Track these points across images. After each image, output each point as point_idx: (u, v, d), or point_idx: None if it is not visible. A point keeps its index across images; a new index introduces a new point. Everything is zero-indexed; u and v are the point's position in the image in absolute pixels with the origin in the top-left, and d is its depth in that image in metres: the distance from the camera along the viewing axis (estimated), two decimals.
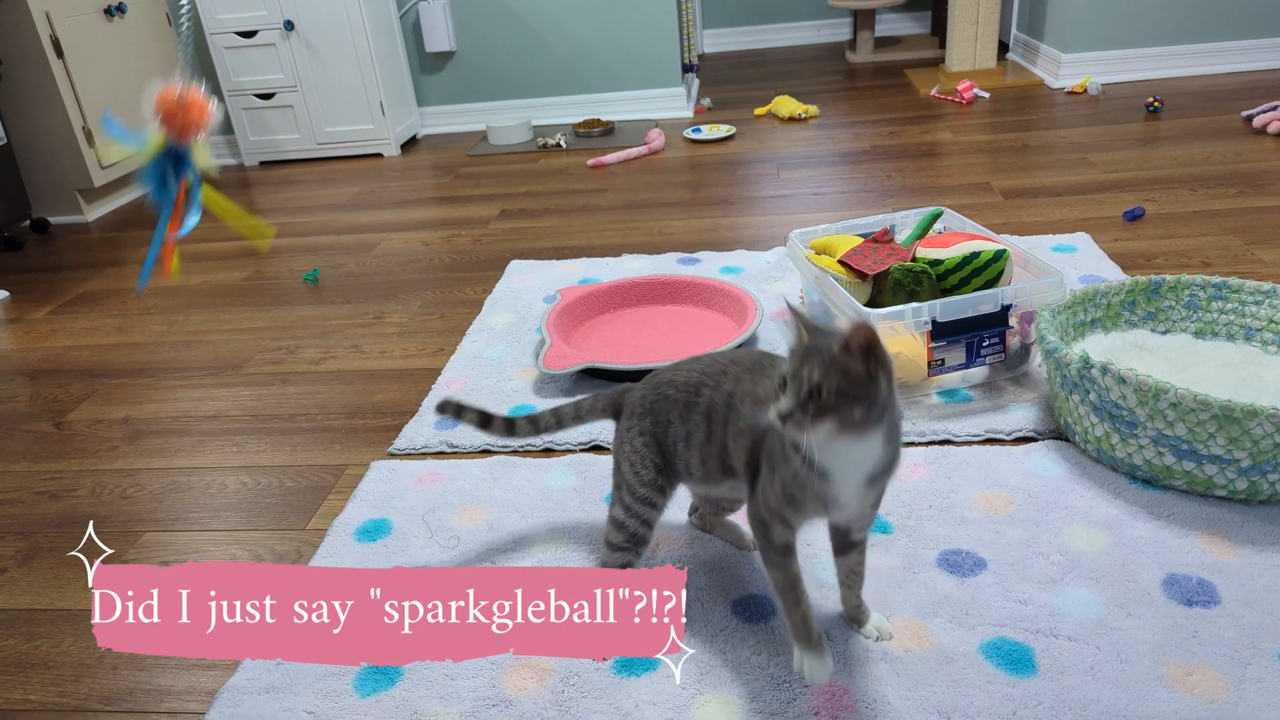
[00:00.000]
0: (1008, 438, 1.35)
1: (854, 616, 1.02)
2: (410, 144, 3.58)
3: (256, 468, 1.48)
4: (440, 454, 1.45)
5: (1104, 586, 1.04)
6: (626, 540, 1.03)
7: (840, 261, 1.56)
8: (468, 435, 1.47)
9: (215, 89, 3.51)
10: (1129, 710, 0.89)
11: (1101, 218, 2.15)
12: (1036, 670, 0.95)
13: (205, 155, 1.10)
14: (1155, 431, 1.15)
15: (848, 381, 0.76)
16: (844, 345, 0.76)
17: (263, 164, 3.49)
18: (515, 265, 2.20)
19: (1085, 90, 3.29)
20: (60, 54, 2.81)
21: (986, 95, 3.41)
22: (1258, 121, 2.67)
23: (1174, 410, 1.12)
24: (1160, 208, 2.17)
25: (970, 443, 1.35)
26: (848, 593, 1.02)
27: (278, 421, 1.61)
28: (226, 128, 3.56)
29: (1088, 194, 2.31)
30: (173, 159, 1.07)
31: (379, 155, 3.45)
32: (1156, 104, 2.96)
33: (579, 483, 1.33)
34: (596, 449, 1.42)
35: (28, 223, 2.91)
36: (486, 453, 1.44)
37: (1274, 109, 2.67)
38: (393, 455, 1.46)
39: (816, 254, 1.64)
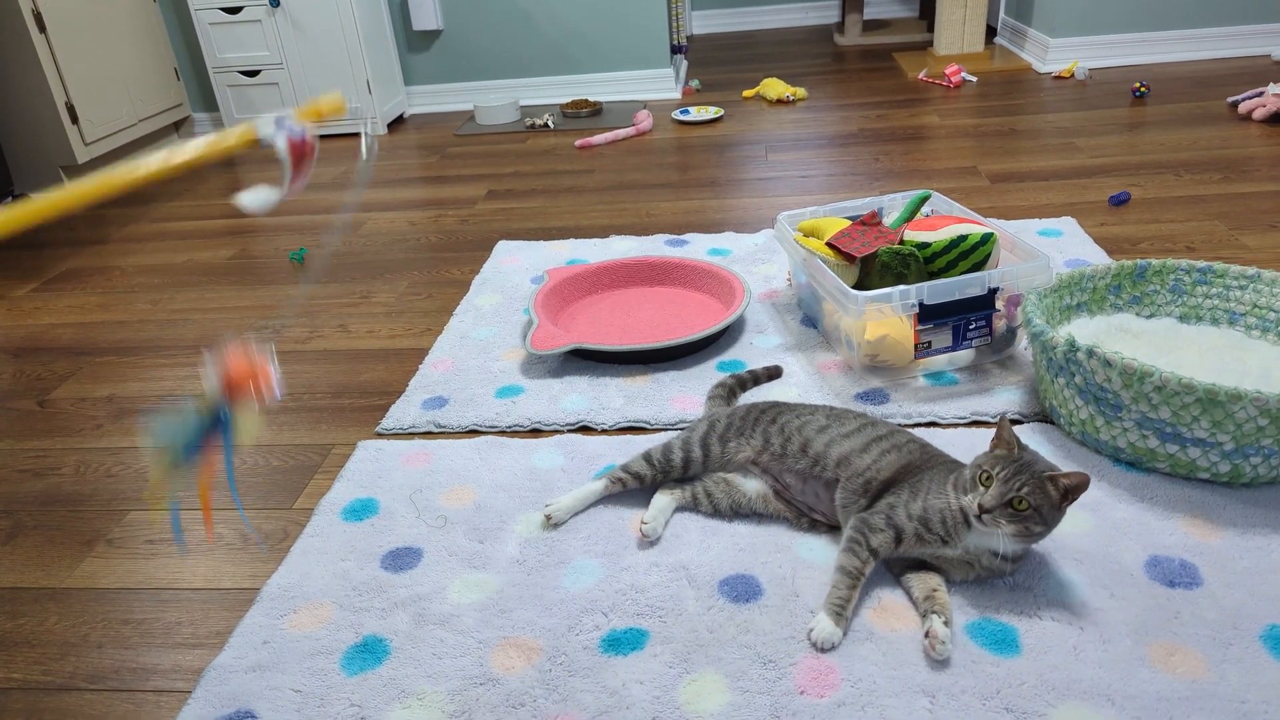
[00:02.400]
0: (993, 420, 1.36)
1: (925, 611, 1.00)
2: (397, 123, 3.55)
3: (242, 447, 1.47)
4: (428, 434, 1.45)
5: (1087, 568, 1.05)
6: None
7: (828, 244, 1.56)
8: (455, 415, 1.47)
9: (199, 65, 3.46)
10: (1111, 690, 0.90)
11: (1087, 202, 2.15)
12: (1020, 650, 0.96)
13: (251, 425, 0.92)
14: (1140, 414, 1.16)
15: (1044, 503, 0.96)
16: (1054, 477, 0.96)
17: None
18: (502, 246, 2.19)
19: (1072, 75, 3.30)
20: (43, 29, 2.76)
21: (974, 79, 3.41)
22: (1243, 107, 2.68)
23: (1159, 393, 1.12)
24: (1146, 193, 2.18)
25: (956, 425, 1.36)
26: (924, 600, 1.01)
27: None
28: (210, 104, 3.52)
29: (1074, 179, 2.32)
30: (214, 420, 0.91)
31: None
32: (1143, 89, 2.96)
33: (566, 462, 1.33)
34: (585, 429, 1.42)
35: (10, 199, 2.87)
36: (474, 433, 1.43)
37: (1259, 95, 2.68)
38: (380, 435, 1.46)
39: (804, 236, 1.64)
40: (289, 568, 1.16)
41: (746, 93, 3.48)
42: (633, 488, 1.23)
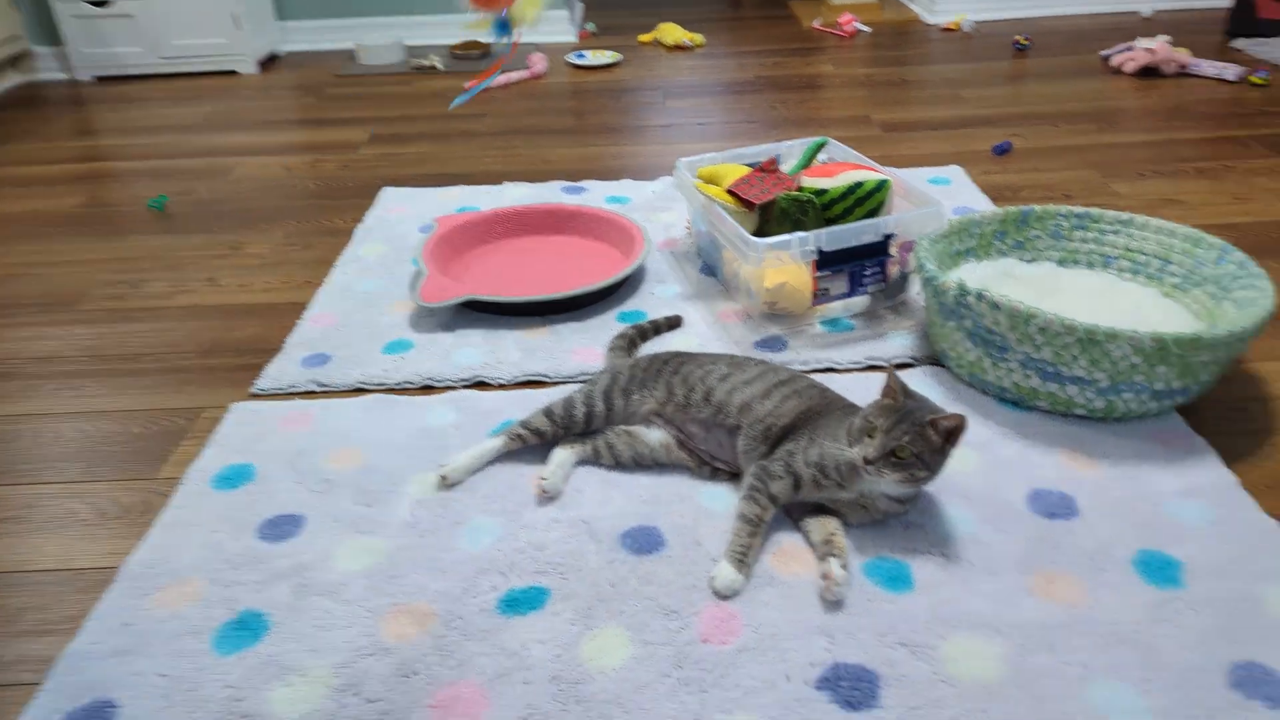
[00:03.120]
0: (887, 364, 1.38)
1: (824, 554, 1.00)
2: (270, 62, 3.31)
3: (97, 413, 1.35)
4: (309, 394, 1.36)
5: (975, 504, 1.08)
6: None
7: (728, 190, 1.54)
8: (339, 373, 1.38)
9: None
10: (998, 619, 0.93)
11: (973, 151, 2.20)
12: (913, 586, 0.97)
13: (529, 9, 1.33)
14: (1024, 355, 1.19)
15: (925, 449, 0.97)
16: (933, 422, 0.96)
17: (99, 79, 3.15)
18: (388, 193, 2.07)
19: (959, 28, 3.36)
20: None
21: (868, 29, 3.43)
22: (1114, 61, 2.79)
23: (1042, 334, 1.16)
24: (1026, 142, 2.24)
25: (852, 370, 1.37)
26: (822, 543, 1.02)
27: (121, 362, 1.47)
28: (54, 37, 3.19)
29: (960, 128, 2.37)
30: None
31: (233, 73, 3.17)
32: (1024, 42, 3.05)
33: (461, 420, 1.27)
34: (480, 385, 1.36)
35: None
36: (360, 391, 1.36)
37: (1129, 49, 2.80)
38: (255, 396, 1.36)
39: (704, 183, 1.61)
40: (152, 543, 1.07)
41: (643, 37, 3.40)
42: (533, 444, 1.19)
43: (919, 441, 0.96)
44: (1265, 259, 1.64)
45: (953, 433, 0.97)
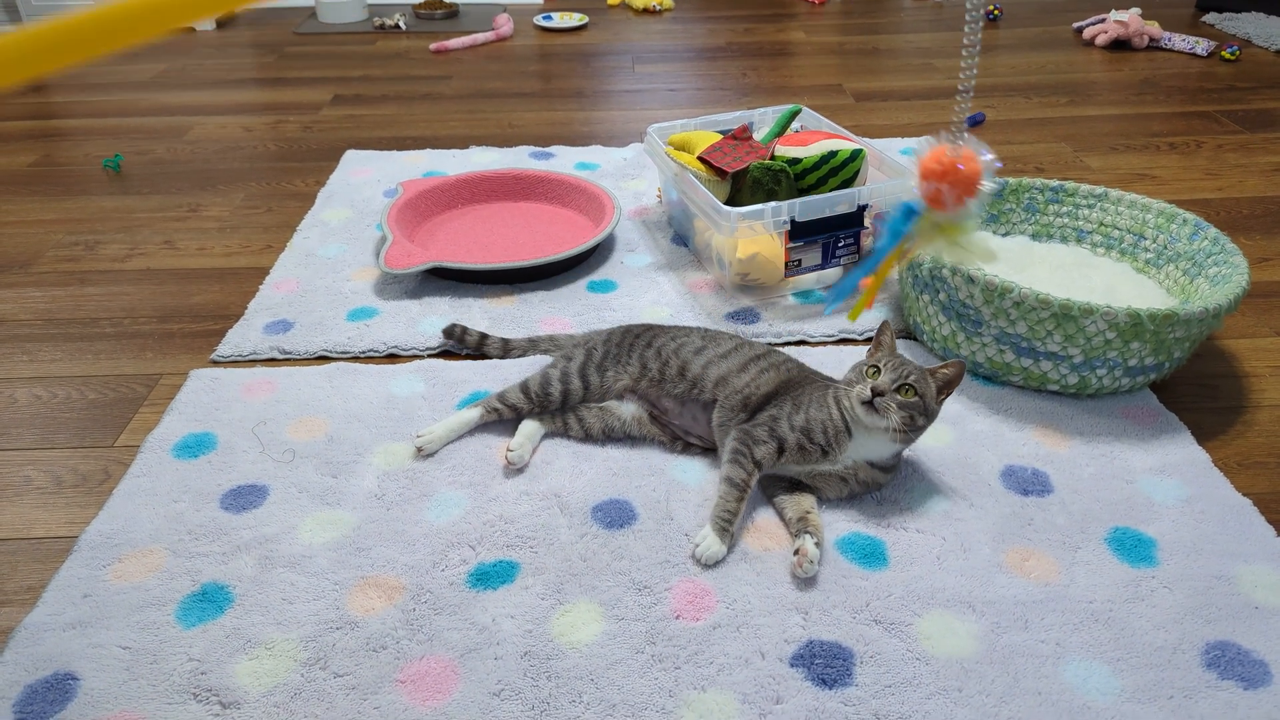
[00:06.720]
0: (860, 338, 1.37)
1: (798, 530, 0.99)
2: (226, 17, 3.19)
3: (52, 378, 1.30)
4: (271, 361, 1.32)
5: (949, 479, 1.08)
6: None
7: (699, 158, 1.51)
8: (302, 340, 1.35)
9: None
10: (972, 596, 0.93)
11: (945, 122, 2.19)
12: (888, 562, 0.97)
13: (960, 228, 0.93)
14: (998, 330, 1.19)
15: (926, 393, 0.98)
16: (934, 370, 1.00)
17: None
18: (351, 155, 2.01)
19: None
20: None
21: None
22: (1087, 33, 2.79)
23: (1017, 309, 1.15)
24: (998, 114, 2.24)
25: (824, 343, 1.36)
26: (797, 520, 1.01)
27: (76, 326, 1.42)
28: None
29: (933, 99, 2.35)
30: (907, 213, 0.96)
31: (189, 28, 3.05)
32: (996, 12, 3.04)
33: (427, 389, 1.24)
34: (446, 354, 1.33)
35: None
36: (324, 359, 1.32)
37: (1101, 21, 2.80)
38: (215, 363, 1.32)
39: (675, 150, 1.58)
40: (111, 512, 1.04)
41: (611, 0, 3.33)
42: (508, 419, 1.17)
43: (923, 383, 0.98)
44: (1236, 235, 1.65)
45: (950, 383, 0.99)
